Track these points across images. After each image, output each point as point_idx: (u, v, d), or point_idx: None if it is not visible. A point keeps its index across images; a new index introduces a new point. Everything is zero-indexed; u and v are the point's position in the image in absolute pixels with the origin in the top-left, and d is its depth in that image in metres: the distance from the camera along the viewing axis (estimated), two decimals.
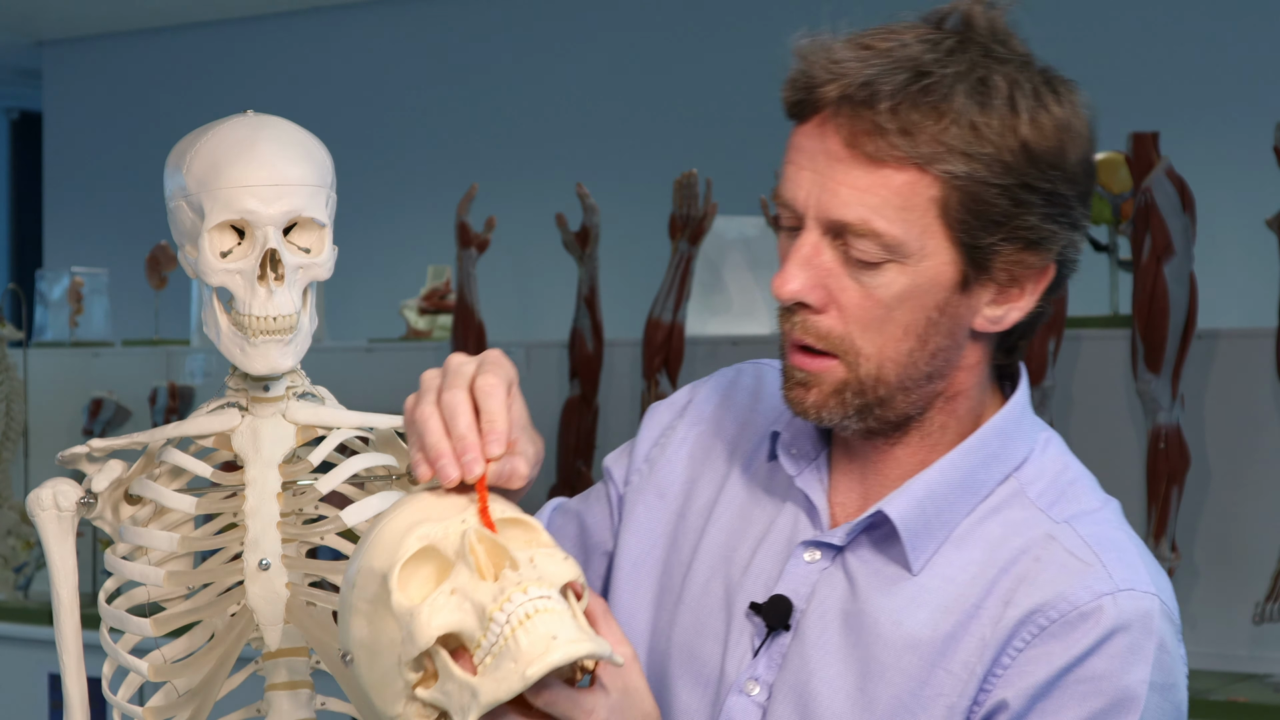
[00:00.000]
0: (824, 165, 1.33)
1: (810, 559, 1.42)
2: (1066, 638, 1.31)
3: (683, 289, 4.61)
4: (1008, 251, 1.33)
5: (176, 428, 1.97)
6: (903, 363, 1.36)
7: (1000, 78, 1.31)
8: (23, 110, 9.11)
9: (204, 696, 1.97)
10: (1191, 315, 3.77)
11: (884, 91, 1.30)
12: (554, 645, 1.18)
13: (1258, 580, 3.81)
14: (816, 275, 1.35)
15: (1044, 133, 1.31)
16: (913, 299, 1.34)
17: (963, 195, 1.31)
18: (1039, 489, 1.39)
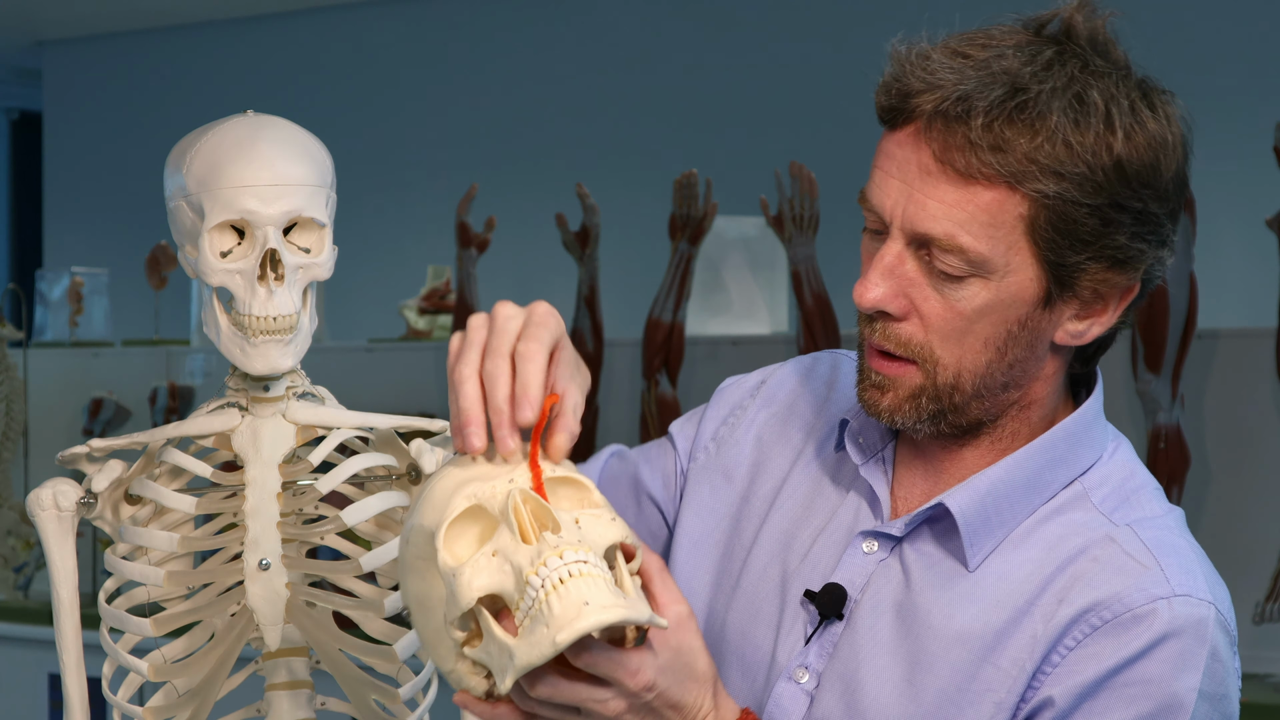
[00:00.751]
0: (913, 176, 1.32)
1: (868, 549, 1.42)
2: (1118, 638, 1.30)
3: (683, 289, 4.62)
4: (1094, 270, 1.32)
5: (176, 428, 1.97)
6: (980, 373, 1.35)
7: (1097, 93, 1.31)
8: (23, 110, 9.12)
9: (204, 696, 1.97)
10: (1191, 315, 3.77)
11: (979, 107, 1.29)
12: (585, 611, 1.17)
13: (1258, 580, 3.81)
14: (899, 284, 1.34)
15: (1138, 150, 1.31)
16: (995, 313, 1.33)
17: (1051, 214, 1.30)
18: (1102, 494, 1.39)
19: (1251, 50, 5.27)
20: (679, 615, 1.29)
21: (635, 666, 1.25)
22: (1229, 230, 5.03)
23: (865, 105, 1.42)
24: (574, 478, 1.28)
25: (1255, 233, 4.27)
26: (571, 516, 1.24)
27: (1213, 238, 4.54)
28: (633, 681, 1.26)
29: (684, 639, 1.29)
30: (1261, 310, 4.25)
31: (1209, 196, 4.29)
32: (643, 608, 1.21)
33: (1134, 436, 3.96)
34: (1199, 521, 3.92)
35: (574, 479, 1.28)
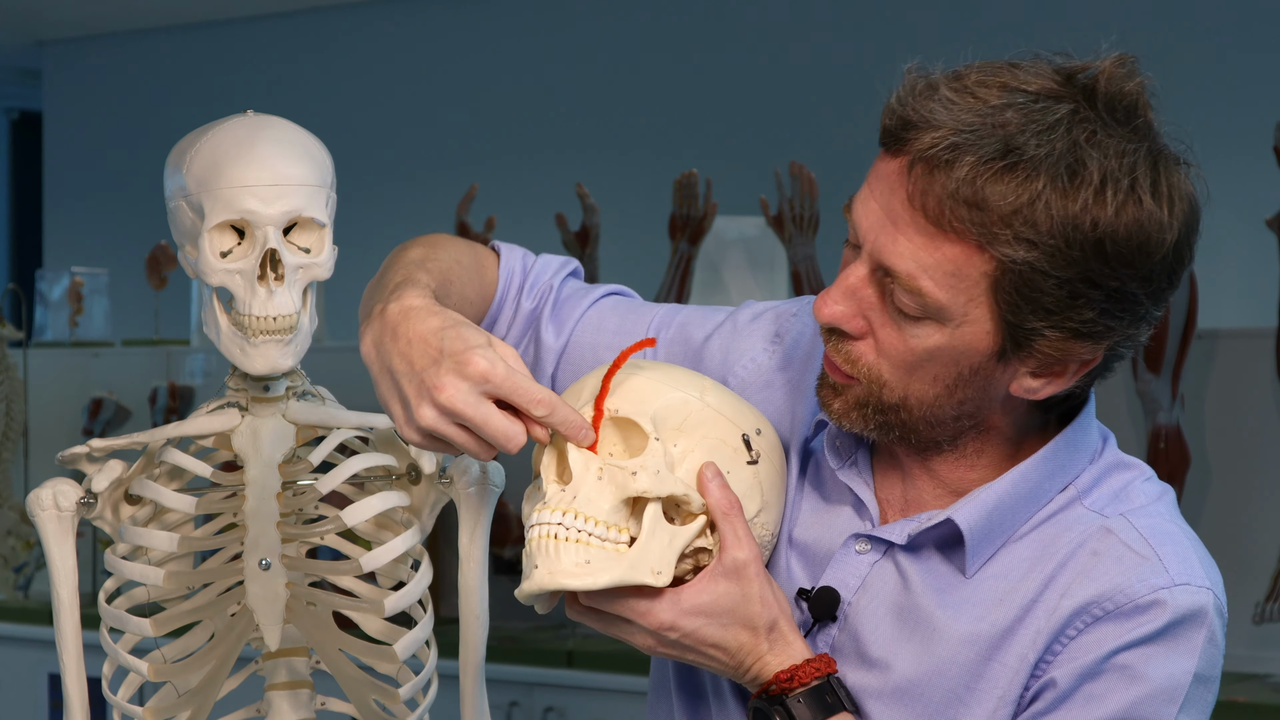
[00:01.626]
0: (891, 208, 1.32)
1: (861, 550, 1.42)
2: (1121, 625, 1.32)
3: (683, 289, 4.61)
4: (1053, 338, 1.31)
5: (176, 428, 1.97)
6: (928, 403, 1.36)
7: (1096, 164, 1.27)
8: (23, 110, 9.11)
9: (204, 696, 1.97)
10: (1191, 315, 3.77)
11: (967, 159, 1.27)
12: (533, 575, 1.29)
13: (1258, 580, 3.81)
14: (859, 305, 1.35)
15: (1125, 227, 1.28)
16: (946, 356, 1.33)
17: (1017, 279, 1.28)
18: (1094, 497, 1.40)
19: (1251, 50, 5.27)
20: (734, 561, 1.33)
21: (643, 610, 1.31)
22: (1229, 230, 5.03)
23: (866, 105, 1.42)
24: (633, 421, 1.33)
25: (1255, 233, 4.27)
26: (596, 466, 1.30)
27: (1213, 238, 4.52)
28: (644, 622, 1.32)
29: (734, 584, 1.33)
30: (1261, 310, 4.25)
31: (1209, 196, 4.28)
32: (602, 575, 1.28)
33: (1134, 436, 3.96)
34: (1199, 521, 3.92)
35: (633, 422, 1.33)
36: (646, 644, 1.34)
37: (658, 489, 1.30)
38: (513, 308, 1.60)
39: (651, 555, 1.30)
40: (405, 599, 1.97)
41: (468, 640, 2.05)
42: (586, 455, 1.31)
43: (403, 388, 1.34)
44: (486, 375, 1.30)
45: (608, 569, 1.28)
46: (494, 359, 1.31)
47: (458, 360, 1.31)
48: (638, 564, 1.29)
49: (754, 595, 1.34)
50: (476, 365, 1.30)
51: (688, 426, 1.35)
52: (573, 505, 1.29)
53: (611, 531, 1.29)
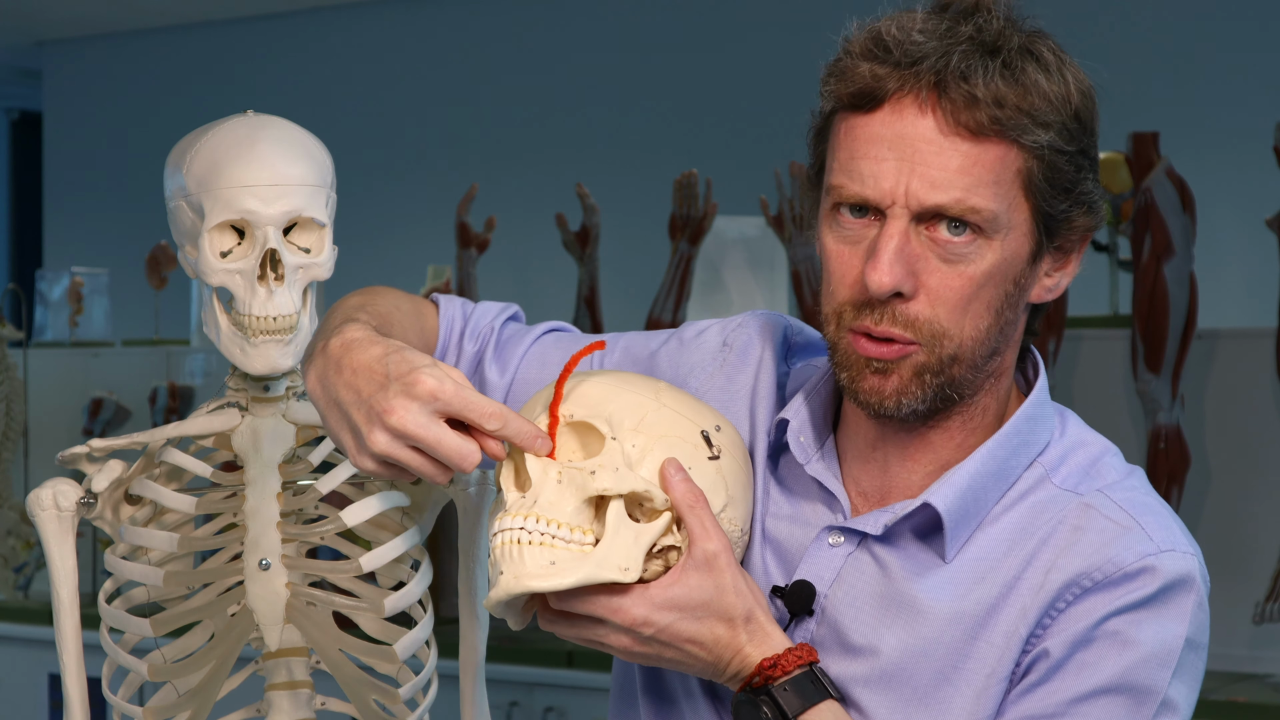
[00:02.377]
0: (913, 151, 1.33)
1: (834, 542, 1.42)
2: (1111, 594, 1.33)
3: (683, 289, 4.61)
4: (1073, 217, 1.37)
5: (176, 428, 1.97)
6: (980, 339, 1.37)
7: (1045, 50, 1.36)
8: (23, 110, 9.12)
9: (204, 696, 1.97)
10: (1191, 315, 3.77)
11: (975, 67, 1.32)
12: (499, 581, 1.29)
13: (1258, 580, 3.81)
14: (909, 263, 1.34)
15: (1084, 96, 1.36)
16: (998, 274, 1.35)
17: (1043, 165, 1.34)
18: (1063, 475, 1.41)
19: (1252, 50, 5.27)
20: (705, 553, 1.32)
21: (616, 606, 1.30)
22: (1229, 230, 5.03)
23: None
24: (589, 423, 1.33)
25: (1255, 233, 4.27)
26: (555, 471, 1.31)
27: (1213, 238, 4.54)
28: (618, 619, 1.31)
29: (706, 576, 1.32)
30: (1261, 310, 4.25)
31: (1209, 196, 4.29)
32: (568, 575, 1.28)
33: (1134, 436, 3.96)
34: (1199, 521, 3.92)
35: (589, 425, 1.33)
36: (623, 644, 1.32)
37: (618, 486, 1.30)
38: (455, 352, 1.61)
39: (617, 553, 1.29)
40: (405, 599, 1.97)
41: (468, 640, 2.05)
42: (544, 461, 1.31)
43: (352, 417, 1.33)
44: (435, 393, 1.30)
45: (574, 569, 1.28)
46: (441, 377, 1.31)
47: (405, 382, 1.31)
48: (604, 562, 1.29)
49: (727, 586, 1.33)
50: (424, 384, 1.30)
51: (645, 426, 1.35)
52: (534, 510, 1.29)
53: (575, 534, 1.29)
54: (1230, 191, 5.02)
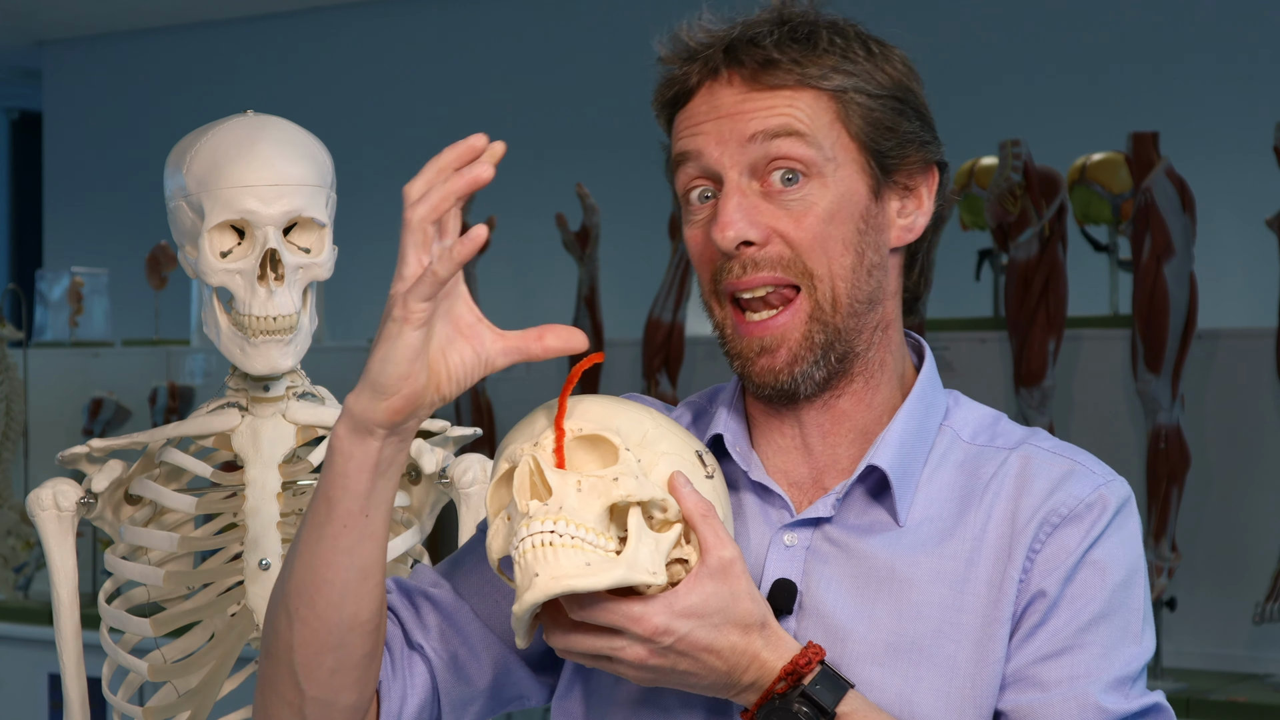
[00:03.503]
0: (729, 109, 1.43)
1: (791, 542, 1.44)
2: (1079, 526, 1.41)
3: (683, 289, 4.62)
4: (902, 153, 1.45)
5: (176, 428, 1.97)
6: (849, 279, 1.43)
7: (844, 24, 1.46)
8: (23, 110, 9.12)
9: (204, 696, 1.97)
10: (1191, 315, 3.77)
11: (762, 34, 1.43)
12: (535, 583, 1.26)
13: (1258, 580, 3.81)
14: (751, 213, 1.42)
15: (895, 65, 1.46)
16: (840, 211, 1.42)
17: (856, 107, 1.43)
18: (970, 431, 1.48)
19: (1251, 50, 5.27)
20: (720, 561, 1.33)
21: (638, 614, 1.30)
22: (1229, 230, 5.03)
23: None
24: (601, 435, 1.33)
25: (1255, 233, 4.27)
26: (574, 480, 1.30)
27: (1213, 238, 4.54)
28: (639, 628, 1.30)
29: (721, 583, 1.33)
30: (1261, 310, 4.25)
31: (1209, 196, 4.29)
32: (601, 575, 1.26)
33: (1134, 436, 3.96)
34: (1199, 521, 3.92)
35: (600, 436, 1.33)
36: (638, 657, 1.31)
37: (639, 493, 1.31)
38: None
39: (644, 558, 1.29)
40: None
41: None
42: (563, 473, 1.31)
43: None
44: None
45: (609, 570, 1.27)
46: None
47: None
48: (635, 565, 1.28)
49: (742, 593, 1.34)
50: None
51: (647, 442, 1.36)
52: (561, 514, 1.28)
53: (601, 539, 1.29)
54: (1230, 191, 5.02)
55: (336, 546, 1.34)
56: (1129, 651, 1.40)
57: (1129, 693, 1.39)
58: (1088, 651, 1.39)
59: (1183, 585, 3.87)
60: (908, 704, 1.38)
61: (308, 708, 1.38)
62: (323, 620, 1.36)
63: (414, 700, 1.46)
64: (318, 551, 1.34)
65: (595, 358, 1.41)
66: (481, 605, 1.49)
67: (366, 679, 1.40)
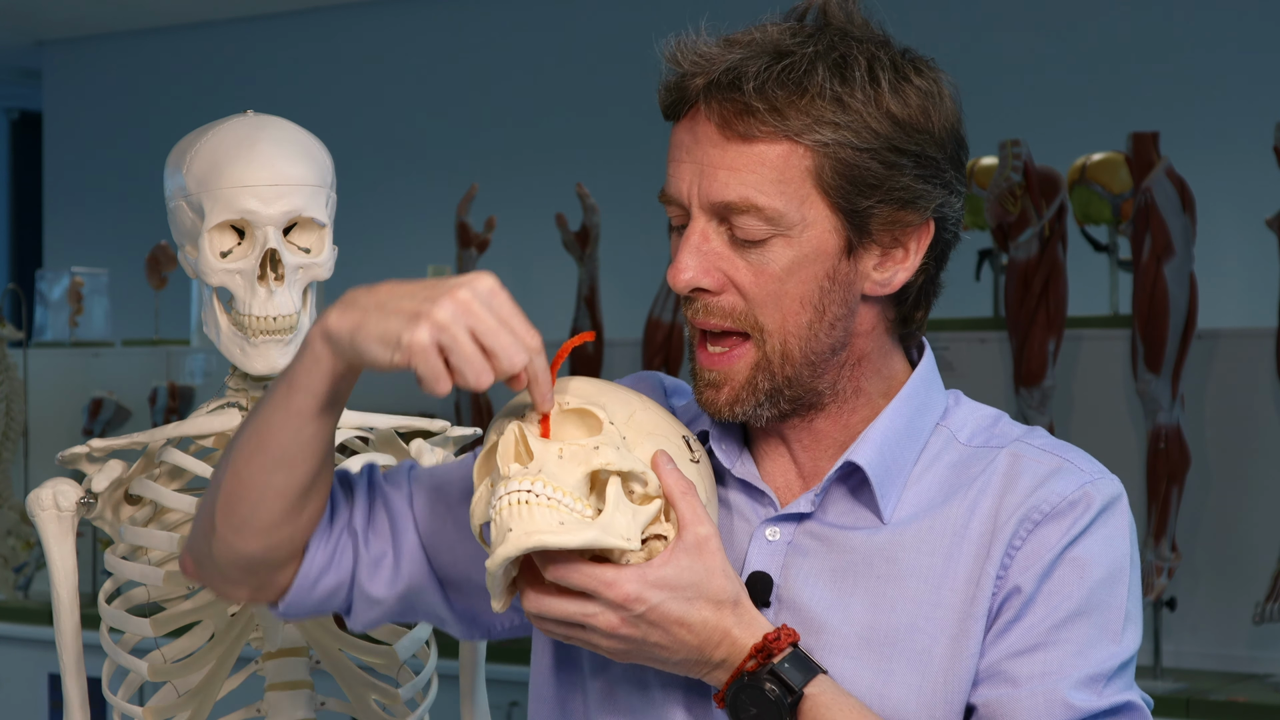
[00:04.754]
0: (701, 153, 1.40)
1: (772, 537, 1.45)
2: (1060, 523, 1.40)
3: None
4: (885, 212, 1.40)
5: (176, 428, 1.97)
6: (804, 335, 1.41)
7: (859, 54, 1.39)
8: (23, 110, 9.12)
9: (204, 696, 1.97)
10: (1191, 315, 3.77)
11: (749, 74, 1.37)
12: (508, 538, 1.28)
13: (1258, 580, 3.81)
14: (709, 260, 1.40)
15: (907, 101, 1.39)
16: (802, 269, 1.40)
17: (835, 162, 1.38)
18: (968, 433, 1.47)
19: (1251, 50, 5.27)
20: (696, 537, 1.34)
21: (610, 579, 1.31)
22: (1229, 230, 5.03)
23: None
24: (587, 409, 1.35)
25: (1255, 233, 4.27)
26: (556, 448, 1.33)
27: (1213, 238, 4.54)
28: (611, 593, 1.31)
29: (696, 559, 1.34)
30: (1261, 310, 4.25)
31: (1209, 196, 4.29)
32: (568, 535, 1.29)
33: (1134, 436, 3.96)
34: (1199, 521, 3.93)
35: (586, 410, 1.35)
36: (610, 624, 1.33)
37: (619, 463, 1.33)
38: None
39: (619, 524, 1.32)
40: None
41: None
42: (546, 441, 1.33)
43: (403, 304, 1.32)
44: (495, 290, 1.32)
45: (582, 530, 1.29)
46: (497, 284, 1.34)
47: (460, 281, 1.32)
48: (609, 528, 1.31)
49: (717, 569, 1.35)
50: (484, 281, 1.32)
51: (634, 423, 1.38)
52: (540, 475, 1.31)
53: (578, 503, 1.31)
54: (1230, 191, 5.02)
55: (285, 422, 1.41)
56: (1106, 650, 1.39)
57: (1101, 690, 1.38)
58: (1061, 649, 1.38)
59: (1183, 585, 3.87)
60: (879, 696, 1.39)
61: (217, 542, 1.47)
62: (251, 476, 1.43)
63: (331, 578, 1.51)
64: (270, 420, 1.42)
65: (585, 336, 1.43)
66: (427, 522, 1.52)
67: (275, 540, 1.46)
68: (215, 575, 1.51)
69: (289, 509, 1.45)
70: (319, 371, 1.37)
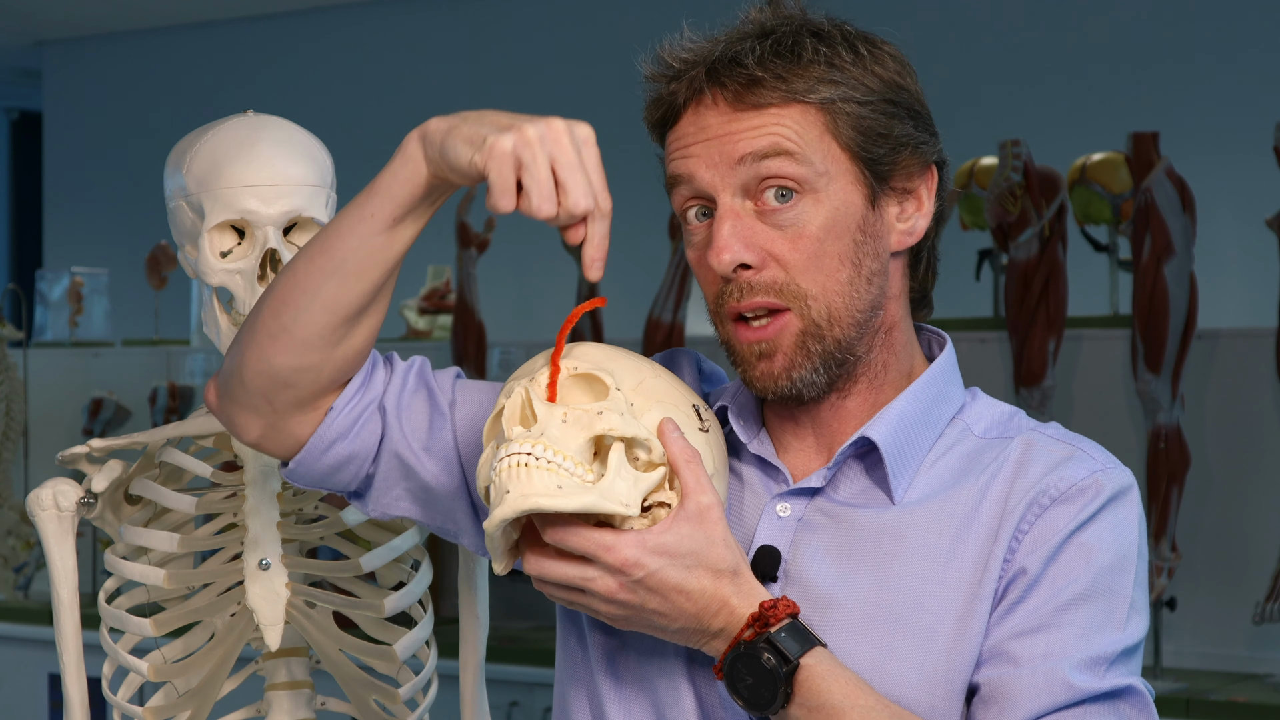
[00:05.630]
0: (716, 131, 1.43)
1: (783, 512, 1.46)
2: (1069, 508, 1.41)
3: (683, 289, 4.62)
4: (896, 158, 1.44)
5: (176, 428, 1.97)
6: (846, 293, 1.43)
7: (829, 27, 1.45)
8: (23, 110, 9.11)
9: (204, 696, 1.97)
10: (1191, 315, 3.77)
11: (744, 51, 1.42)
12: (505, 500, 1.29)
13: (1258, 580, 3.81)
14: (746, 235, 1.42)
15: (885, 65, 1.44)
16: (836, 225, 1.42)
17: (845, 117, 1.42)
18: (983, 426, 1.49)
19: (1251, 51, 5.27)
20: (698, 505, 1.35)
21: (609, 543, 1.32)
22: (1229, 230, 5.03)
23: None
24: (595, 374, 1.36)
25: (1255, 233, 4.27)
26: (560, 411, 1.33)
27: (1213, 238, 4.54)
28: (609, 557, 1.32)
29: (697, 527, 1.35)
30: (1261, 310, 4.25)
31: (1209, 196, 4.29)
32: (566, 498, 1.29)
33: (1134, 436, 3.96)
34: (1199, 521, 3.92)
35: (596, 377, 1.36)
36: (609, 589, 1.33)
37: (623, 429, 1.33)
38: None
39: (619, 490, 1.32)
40: (405, 599, 1.97)
41: (468, 640, 2.06)
42: (551, 405, 1.34)
43: (504, 118, 1.36)
44: (589, 139, 1.36)
45: (579, 494, 1.30)
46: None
47: (561, 118, 1.36)
48: (608, 493, 1.31)
49: (717, 539, 1.36)
50: (584, 128, 1.37)
51: (643, 389, 1.39)
52: (541, 439, 1.31)
53: (579, 468, 1.31)
54: (1230, 191, 5.02)
55: (354, 228, 1.42)
56: (1110, 636, 1.40)
57: (1104, 673, 1.38)
58: (1065, 631, 1.39)
59: (1183, 585, 3.87)
60: (880, 672, 1.39)
61: (249, 350, 1.46)
62: (306, 279, 1.43)
63: (345, 446, 1.50)
64: (339, 225, 1.43)
65: (598, 301, 1.45)
66: (465, 432, 1.53)
67: (305, 360, 1.46)
68: (236, 398, 1.49)
69: (331, 328, 1.45)
70: (405, 174, 1.41)
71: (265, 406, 1.48)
